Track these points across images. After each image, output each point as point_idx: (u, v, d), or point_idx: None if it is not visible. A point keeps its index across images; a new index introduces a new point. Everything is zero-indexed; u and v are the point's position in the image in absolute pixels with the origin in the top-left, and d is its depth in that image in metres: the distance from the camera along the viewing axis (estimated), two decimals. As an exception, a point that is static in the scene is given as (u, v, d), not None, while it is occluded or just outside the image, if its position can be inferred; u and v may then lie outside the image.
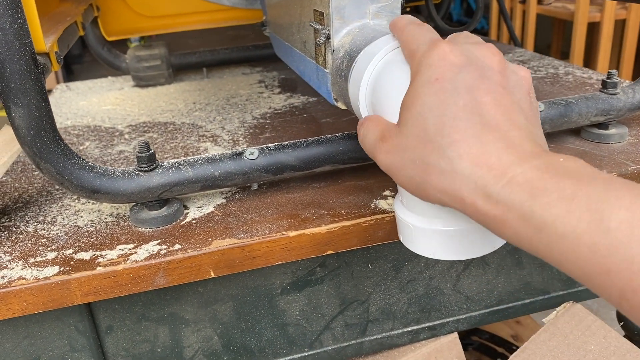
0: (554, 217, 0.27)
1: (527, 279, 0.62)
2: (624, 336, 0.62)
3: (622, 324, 0.70)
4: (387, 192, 0.54)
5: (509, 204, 0.29)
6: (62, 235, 0.50)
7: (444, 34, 0.65)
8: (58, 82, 1.69)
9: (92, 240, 0.49)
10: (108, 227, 0.51)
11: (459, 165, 0.31)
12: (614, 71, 0.61)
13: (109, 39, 1.00)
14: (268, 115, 0.79)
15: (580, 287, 0.64)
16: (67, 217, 0.53)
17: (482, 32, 3.11)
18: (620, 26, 2.22)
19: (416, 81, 0.35)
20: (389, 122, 0.39)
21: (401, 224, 0.43)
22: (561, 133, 0.64)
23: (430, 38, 0.37)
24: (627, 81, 0.73)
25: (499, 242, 0.40)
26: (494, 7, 2.60)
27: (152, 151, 0.49)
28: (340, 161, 0.53)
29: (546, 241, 0.27)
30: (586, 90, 0.79)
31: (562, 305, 0.64)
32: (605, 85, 0.61)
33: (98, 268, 0.45)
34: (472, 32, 0.48)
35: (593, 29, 2.24)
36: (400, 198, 0.43)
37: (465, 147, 0.31)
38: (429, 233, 0.40)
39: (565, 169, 0.28)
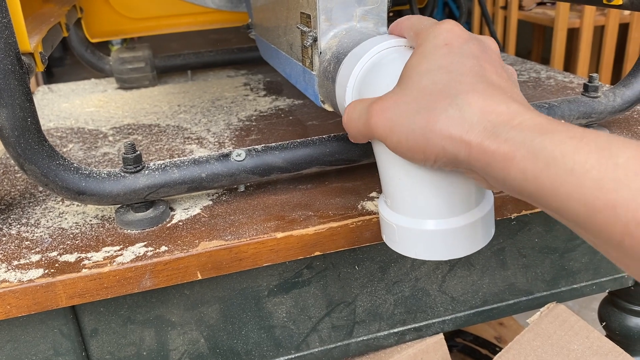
0: (564, 152, 0.27)
1: (511, 280, 0.62)
2: (606, 336, 0.63)
3: (603, 324, 0.71)
4: (373, 194, 0.54)
5: (519, 141, 0.29)
6: (46, 238, 0.49)
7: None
8: (38, 85, 1.67)
9: (77, 242, 0.48)
10: (93, 229, 0.51)
11: (467, 112, 0.32)
12: (595, 75, 0.62)
13: (93, 40, 0.99)
14: (254, 117, 0.79)
15: (564, 288, 0.65)
16: (51, 219, 0.53)
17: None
18: (599, 32, 2.26)
19: (423, 47, 0.37)
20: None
21: (384, 224, 0.43)
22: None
23: (434, 20, 0.40)
24: (607, 85, 0.74)
25: (481, 243, 0.41)
26: (477, 12, 2.64)
27: (138, 152, 0.49)
28: (327, 163, 0.53)
29: (553, 176, 0.27)
30: (567, 94, 0.80)
31: (546, 306, 0.64)
32: (586, 88, 0.62)
33: (83, 270, 0.44)
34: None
35: (573, 34, 2.28)
36: (384, 198, 0.43)
37: (474, 97, 0.33)
38: (412, 233, 0.40)
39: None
